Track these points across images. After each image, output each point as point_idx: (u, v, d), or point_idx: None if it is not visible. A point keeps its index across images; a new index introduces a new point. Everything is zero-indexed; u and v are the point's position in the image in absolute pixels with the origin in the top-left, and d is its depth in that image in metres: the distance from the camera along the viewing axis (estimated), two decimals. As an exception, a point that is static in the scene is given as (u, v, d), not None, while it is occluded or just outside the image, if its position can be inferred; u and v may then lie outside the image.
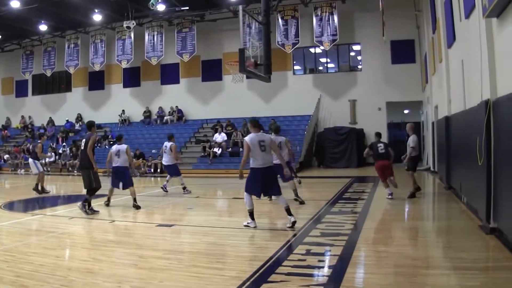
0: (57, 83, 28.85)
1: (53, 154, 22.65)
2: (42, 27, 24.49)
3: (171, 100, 25.54)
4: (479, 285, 4.36)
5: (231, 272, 4.89)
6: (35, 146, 13.71)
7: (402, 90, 21.33)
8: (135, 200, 9.65)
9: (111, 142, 21.79)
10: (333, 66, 23.86)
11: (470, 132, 7.43)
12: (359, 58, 23.07)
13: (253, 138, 7.17)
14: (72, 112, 27.55)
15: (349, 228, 7.02)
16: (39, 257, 5.58)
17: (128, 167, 9.92)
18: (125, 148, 9.81)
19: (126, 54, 24.89)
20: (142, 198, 11.71)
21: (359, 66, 23.04)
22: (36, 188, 12.90)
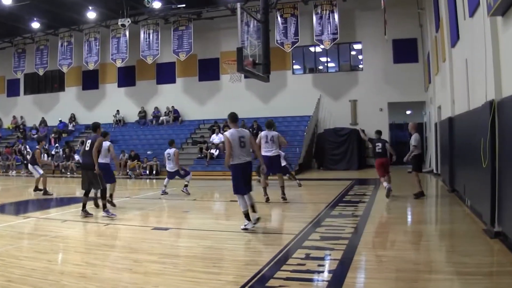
0: (49, 83, 28.80)
1: (49, 159, 22.59)
2: (35, 25, 24.44)
3: (167, 100, 25.50)
4: (483, 290, 4.37)
5: (228, 276, 4.89)
6: (34, 151, 14.03)
7: (404, 90, 21.31)
8: (111, 196, 10.06)
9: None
10: (333, 65, 23.87)
11: (474, 133, 7.45)
12: (360, 57, 23.08)
13: (233, 133, 7.20)
14: (65, 112, 27.50)
15: (349, 231, 7.02)
16: (31, 261, 5.57)
17: (109, 164, 10.25)
18: (107, 145, 10.08)
19: (121, 53, 24.85)
20: (137, 200, 11.71)
21: (360, 66, 23.05)
22: (36, 188, 13.35)
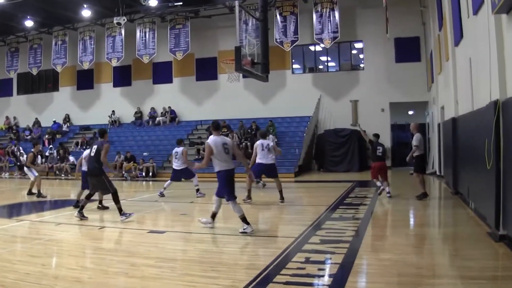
0: (43, 82, 28.80)
1: (43, 160, 22.50)
2: (28, 23, 24.42)
3: (164, 100, 25.52)
4: (488, 294, 4.38)
5: (226, 281, 4.88)
6: (28, 155, 14.19)
7: (406, 90, 21.35)
8: (101, 202, 10.17)
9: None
10: (334, 64, 23.91)
11: (478, 134, 7.45)
12: (361, 56, 23.13)
13: (217, 140, 7.44)
14: (59, 112, 27.50)
15: (350, 235, 7.01)
16: (24, 265, 5.56)
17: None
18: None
19: (117, 52, 24.84)
20: (133, 203, 11.68)
21: (361, 65, 23.09)
22: (29, 192, 13.43)
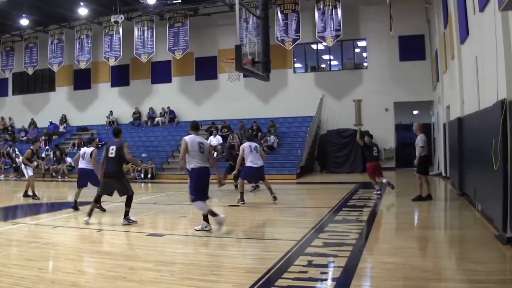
0: (39, 82, 28.80)
1: (36, 163, 22.46)
2: (23, 22, 24.39)
3: (163, 100, 25.49)
4: (495, 298, 4.37)
5: (227, 285, 4.88)
6: (26, 150, 14.26)
7: (411, 89, 21.32)
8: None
9: (99, 146, 21.71)
10: (336, 63, 23.89)
11: (485, 134, 7.44)
12: (365, 55, 23.11)
13: (193, 138, 7.83)
14: (56, 113, 27.49)
15: (354, 237, 7.01)
16: (20, 269, 5.55)
17: (93, 169, 10.62)
18: (90, 151, 10.70)
19: (114, 51, 24.84)
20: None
21: (365, 64, 23.07)
22: (25, 194, 13.35)
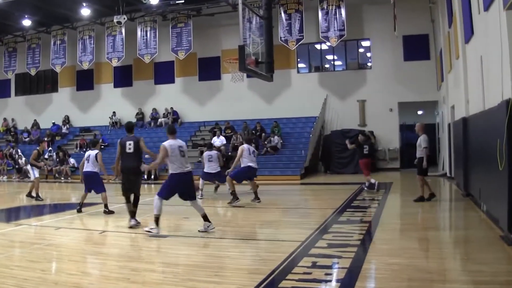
0: (42, 83, 28.88)
1: (42, 164, 22.51)
2: (26, 22, 24.46)
3: (166, 101, 25.50)
4: (500, 300, 4.36)
5: (231, 286, 4.90)
6: (33, 151, 14.29)
7: (415, 89, 21.25)
8: (106, 206, 10.25)
9: (103, 147, 21.82)
10: (340, 63, 23.86)
11: (490, 134, 7.43)
12: (369, 54, 23.08)
13: (172, 144, 7.80)
14: (58, 114, 27.56)
15: (358, 238, 7.02)
16: (23, 270, 5.58)
17: (98, 172, 10.56)
18: (95, 153, 10.49)
19: (117, 52, 24.89)
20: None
21: (369, 64, 23.04)
22: (29, 194, 13.47)
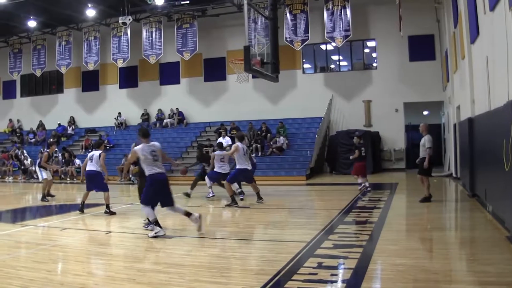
0: (47, 84, 29.04)
1: (56, 167, 22.59)
2: (31, 23, 24.61)
3: (171, 101, 25.59)
4: (507, 301, 4.36)
5: (237, 287, 4.91)
6: (43, 154, 14.49)
7: (421, 89, 21.22)
8: (108, 206, 10.40)
9: (107, 148, 21.93)
10: (346, 64, 23.85)
11: (496, 134, 7.41)
12: (374, 55, 23.05)
13: (144, 148, 7.79)
14: (64, 115, 27.70)
15: (364, 239, 7.02)
16: (29, 271, 5.62)
17: (101, 172, 10.74)
18: (98, 154, 10.69)
19: (122, 53, 24.99)
20: (140, 207, 11.74)
21: (374, 64, 23.01)
22: (43, 197, 13.57)
